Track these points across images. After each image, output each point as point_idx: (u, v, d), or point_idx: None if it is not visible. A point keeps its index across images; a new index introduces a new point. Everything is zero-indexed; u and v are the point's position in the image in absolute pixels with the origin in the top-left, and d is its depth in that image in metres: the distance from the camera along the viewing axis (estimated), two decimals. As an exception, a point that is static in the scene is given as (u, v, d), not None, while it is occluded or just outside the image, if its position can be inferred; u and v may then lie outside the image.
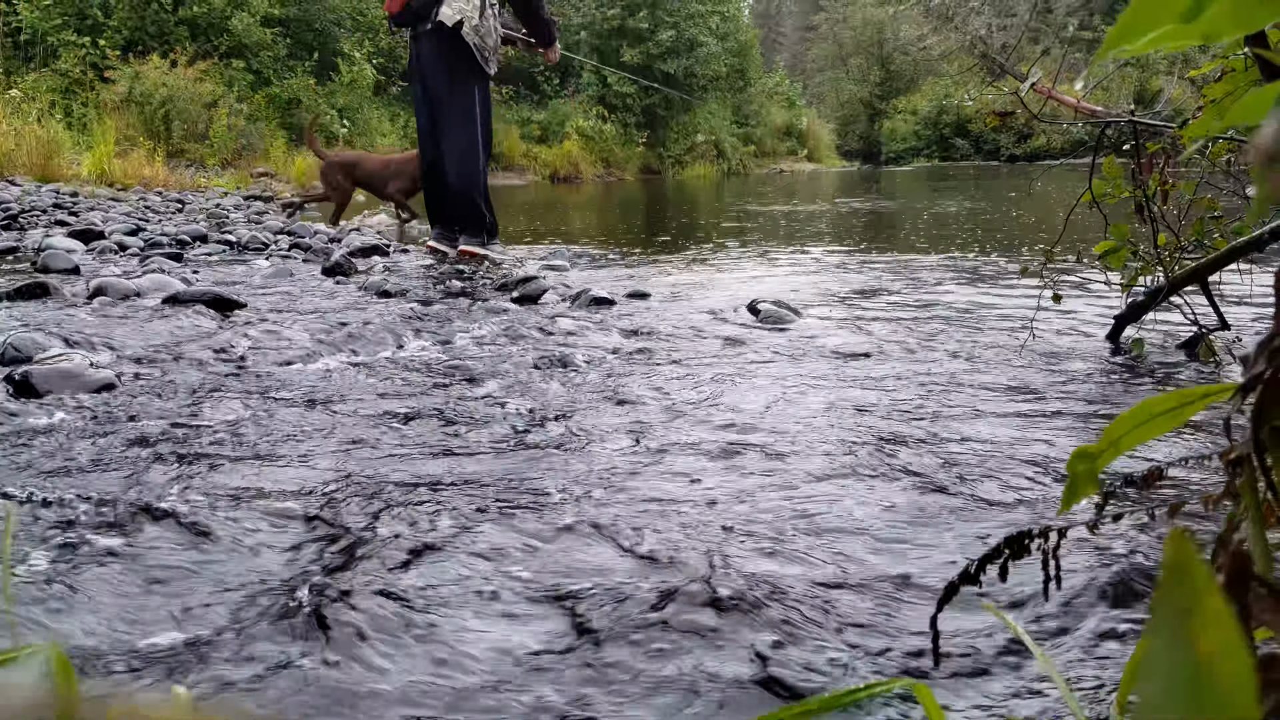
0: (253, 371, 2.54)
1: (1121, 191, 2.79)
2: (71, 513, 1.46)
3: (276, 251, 6.07)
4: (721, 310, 3.75)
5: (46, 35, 16.65)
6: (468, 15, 5.59)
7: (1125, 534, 1.37)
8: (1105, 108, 3.03)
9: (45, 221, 7.20)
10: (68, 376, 2.26)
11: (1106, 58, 0.48)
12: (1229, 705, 0.28)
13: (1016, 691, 1.02)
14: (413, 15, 5.72)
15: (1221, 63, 2.06)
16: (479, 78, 5.76)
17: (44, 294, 3.62)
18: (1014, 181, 17.23)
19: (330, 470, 1.74)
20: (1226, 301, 3.01)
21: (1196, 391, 0.50)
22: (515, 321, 3.42)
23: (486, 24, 5.67)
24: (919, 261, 5.60)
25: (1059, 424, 2.08)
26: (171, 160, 14.74)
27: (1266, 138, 0.35)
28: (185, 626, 1.14)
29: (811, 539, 1.43)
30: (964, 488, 1.66)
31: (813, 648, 1.10)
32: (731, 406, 2.25)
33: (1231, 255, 2.59)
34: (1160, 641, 0.30)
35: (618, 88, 27.24)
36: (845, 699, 0.56)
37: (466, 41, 5.61)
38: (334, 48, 20.53)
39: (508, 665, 1.07)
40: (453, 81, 5.74)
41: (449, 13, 5.57)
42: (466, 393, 2.38)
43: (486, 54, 5.69)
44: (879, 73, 48.39)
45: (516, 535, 1.42)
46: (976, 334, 3.22)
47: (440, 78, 5.77)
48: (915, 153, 41.22)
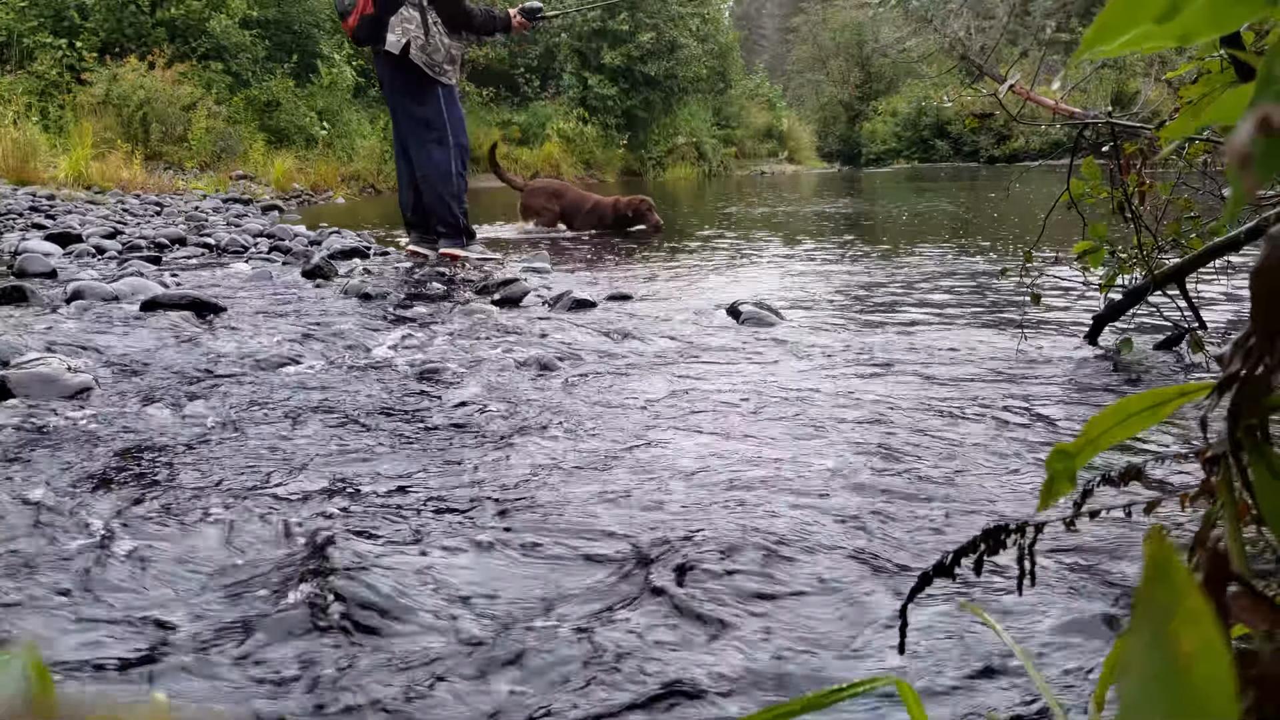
0: (232, 375, 2.53)
1: (1100, 192, 2.80)
2: (47, 513, 1.45)
3: (256, 254, 6.04)
4: (703, 312, 3.75)
5: (22, 37, 16.52)
6: (414, 36, 5.68)
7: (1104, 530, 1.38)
8: (1083, 109, 3.05)
9: (22, 225, 7.14)
10: (45, 381, 2.24)
11: (1083, 59, 0.48)
12: (1208, 704, 0.28)
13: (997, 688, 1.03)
14: (365, 38, 5.83)
15: (1198, 64, 2.07)
16: (437, 88, 5.85)
17: (21, 298, 3.59)
18: (993, 182, 17.31)
19: (310, 473, 1.73)
20: (1202, 301, 3.03)
21: (1173, 390, 0.50)
22: (496, 324, 3.42)
23: (434, 41, 5.74)
24: (901, 262, 5.62)
25: (1038, 422, 2.09)
26: (149, 163, 14.65)
27: (1241, 139, 0.35)
28: (146, 632, 1.13)
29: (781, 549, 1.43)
30: (941, 487, 1.66)
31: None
32: (711, 408, 2.25)
33: (1208, 255, 2.61)
34: (1140, 640, 0.30)
35: (599, 89, 27.25)
36: (828, 699, 0.56)
37: (416, 63, 5.69)
38: (313, 49, 20.44)
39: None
40: (411, 98, 5.87)
41: (393, 39, 5.68)
42: (446, 396, 2.37)
43: (437, 69, 5.77)
44: (859, 75, 48.60)
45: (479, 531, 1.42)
46: (956, 334, 3.23)
47: (399, 95, 5.92)
48: (895, 154, 41.40)
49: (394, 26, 5.68)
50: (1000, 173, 23.66)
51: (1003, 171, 24.67)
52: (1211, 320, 3.08)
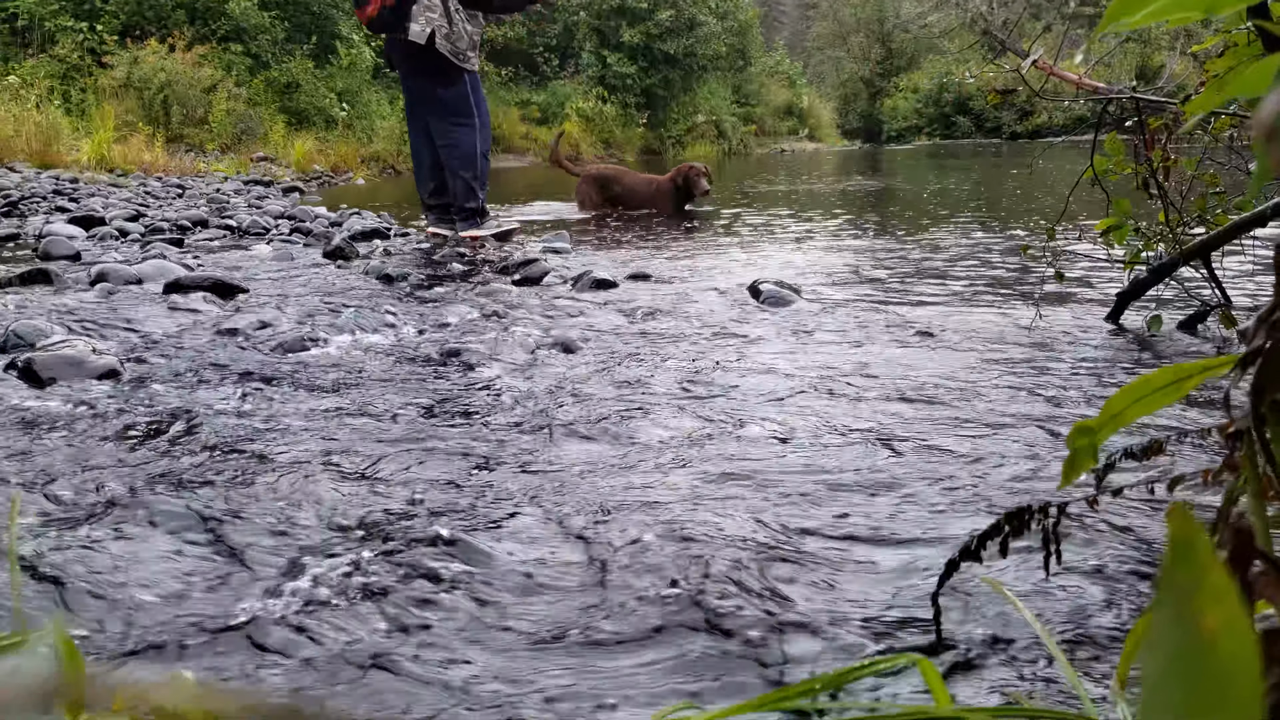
0: (256, 356, 2.55)
1: (1124, 168, 2.77)
2: (77, 498, 1.47)
3: (277, 236, 6.07)
4: (724, 291, 3.74)
5: (44, 21, 16.59)
6: (437, 26, 5.63)
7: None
8: (1107, 84, 3.01)
9: (46, 208, 7.20)
10: (71, 363, 2.26)
11: (1107, 32, 0.47)
12: (1232, 681, 0.28)
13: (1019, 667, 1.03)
14: (384, 26, 5.78)
15: (1224, 37, 2.05)
16: (463, 74, 5.82)
17: (46, 281, 3.63)
18: (1016, 159, 17.17)
19: (338, 456, 1.74)
20: (1227, 277, 3.00)
21: (1195, 366, 0.50)
22: (516, 303, 3.42)
23: (457, 29, 5.69)
24: (923, 240, 5.59)
25: (1058, 398, 2.08)
26: (171, 145, 14.72)
27: (1268, 111, 0.34)
28: (182, 606, 1.14)
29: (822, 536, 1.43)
30: (967, 466, 1.66)
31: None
32: (734, 386, 2.25)
33: (1234, 231, 2.59)
34: (1164, 617, 0.30)
35: (617, 68, 27.14)
36: (848, 676, 0.56)
37: (441, 51, 5.66)
38: (332, 30, 20.43)
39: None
40: (437, 85, 5.80)
41: (417, 29, 5.61)
42: (468, 377, 2.38)
43: (461, 57, 5.74)
44: (880, 51, 48.21)
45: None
46: (978, 312, 3.21)
47: (423, 83, 5.84)
48: (916, 131, 41.11)
49: (416, 15, 5.63)
50: (1023, 149, 23.47)
51: (1025, 148, 24.46)
52: (1237, 297, 3.05)
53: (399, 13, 5.64)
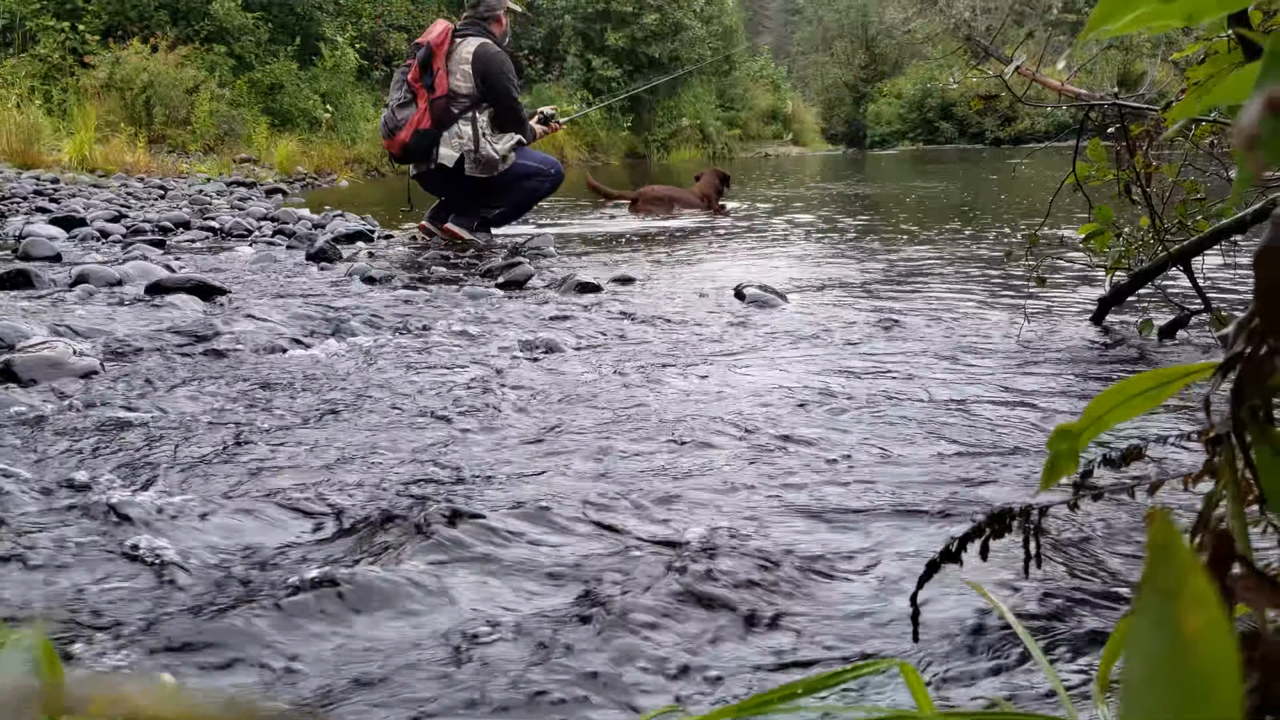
0: (236, 358, 2.53)
1: (1106, 174, 2.79)
2: (54, 496, 1.46)
3: (260, 238, 6.05)
4: (708, 294, 3.75)
5: (24, 20, 16.47)
6: (466, 150, 5.70)
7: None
8: (1089, 90, 3.03)
9: (26, 208, 7.14)
10: (51, 364, 2.25)
11: (1089, 39, 0.48)
12: (1213, 684, 0.28)
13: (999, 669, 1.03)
14: (413, 155, 5.84)
15: (1205, 44, 2.06)
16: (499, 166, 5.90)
17: (26, 282, 3.60)
18: (998, 164, 17.25)
19: (314, 456, 1.74)
20: (1208, 284, 3.02)
21: (1176, 371, 0.50)
22: (499, 306, 3.42)
23: (485, 150, 5.76)
24: (906, 243, 5.61)
25: (1040, 402, 2.08)
26: (153, 146, 14.62)
27: (1248, 119, 0.35)
28: (154, 608, 1.14)
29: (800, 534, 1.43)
30: (948, 467, 1.66)
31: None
32: (718, 389, 2.25)
33: (1215, 237, 2.60)
34: (1144, 620, 0.30)
35: (602, 72, 27.13)
36: (830, 680, 0.56)
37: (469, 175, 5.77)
38: (316, 31, 20.35)
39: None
40: (484, 194, 5.95)
41: (448, 153, 5.69)
42: (450, 378, 2.37)
43: (494, 170, 5.84)
44: (864, 56, 48.32)
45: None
46: (962, 317, 3.23)
47: (467, 189, 5.93)
48: (900, 136, 41.20)
49: (447, 140, 5.70)
50: (1006, 155, 23.58)
51: (1008, 153, 24.58)
52: (1217, 302, 3.07)
53: (431, 139, 5.69)
